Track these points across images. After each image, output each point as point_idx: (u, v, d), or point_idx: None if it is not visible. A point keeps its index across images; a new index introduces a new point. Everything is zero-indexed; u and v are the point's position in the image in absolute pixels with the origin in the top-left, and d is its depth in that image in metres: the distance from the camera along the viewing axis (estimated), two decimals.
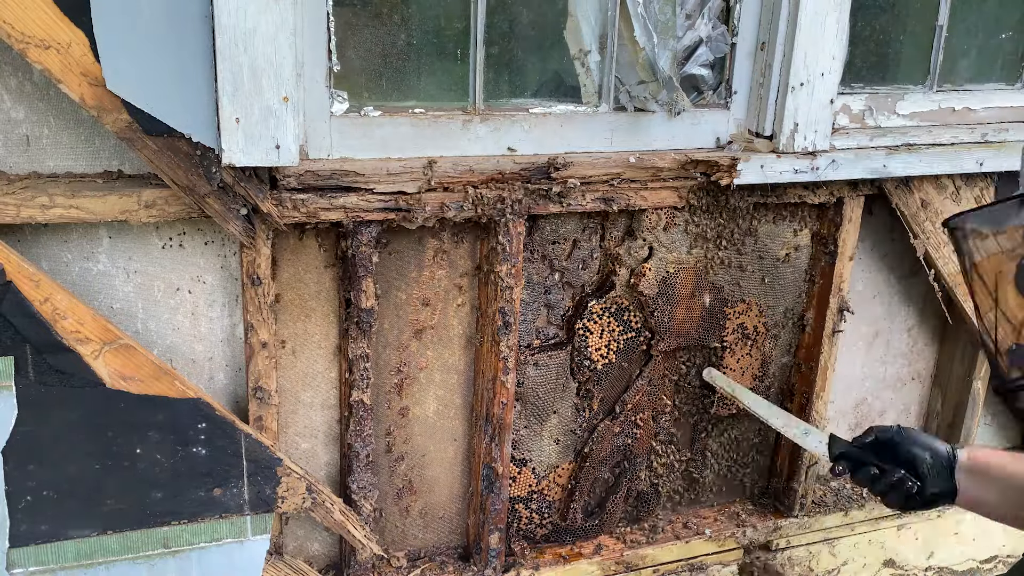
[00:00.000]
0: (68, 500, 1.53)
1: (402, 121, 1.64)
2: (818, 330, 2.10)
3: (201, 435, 1.57)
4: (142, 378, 1.51)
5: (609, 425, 1.99)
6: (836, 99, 1.87)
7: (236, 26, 1.37)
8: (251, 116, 1.42)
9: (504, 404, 1.82)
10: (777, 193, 1.91)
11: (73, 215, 1.42)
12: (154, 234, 1.56)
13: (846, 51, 1.87)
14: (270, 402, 1.65)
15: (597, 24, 1.75)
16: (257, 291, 1.57)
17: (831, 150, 1.89)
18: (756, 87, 1.87)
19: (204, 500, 1.62)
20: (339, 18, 1.56)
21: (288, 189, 1.52)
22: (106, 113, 1.37)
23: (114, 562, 1.59)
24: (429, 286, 1.77)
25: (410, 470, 1.89)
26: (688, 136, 1.86)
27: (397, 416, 1.84)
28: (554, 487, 2.02)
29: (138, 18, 1.35)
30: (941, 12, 2.04)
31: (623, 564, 2.07)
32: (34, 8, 1.29)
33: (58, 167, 1.48)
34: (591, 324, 1.89)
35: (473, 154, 1.69)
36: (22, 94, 1.43)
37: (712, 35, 1.83)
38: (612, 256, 1.88)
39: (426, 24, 1.66)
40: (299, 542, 1.85)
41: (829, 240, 2.03)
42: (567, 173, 1.70)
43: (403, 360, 1.80)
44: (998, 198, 1.65)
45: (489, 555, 1.93)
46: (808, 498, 2.24)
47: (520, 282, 1.76)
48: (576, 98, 1.79)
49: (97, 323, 1.46)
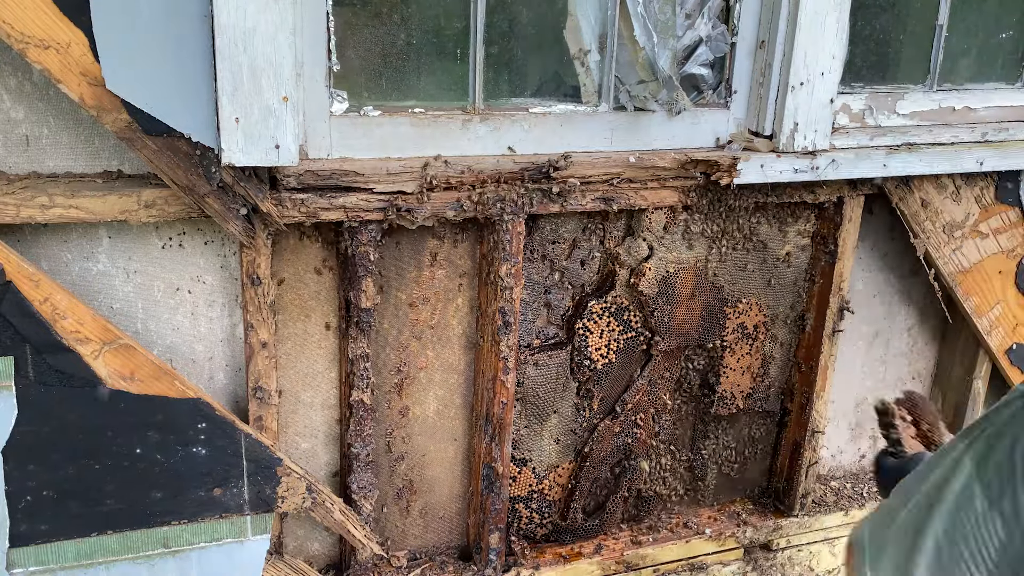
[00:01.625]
0: (68, 500, 1.53)
1: (402, 121, 1.64)
2: (818, 330, 2.09)
3: (201, 435, 1.57)
4: (142, 378, 1.51)
5: (609, 425, 1.99)
6: (836, 98, 1.87)
7: (236, 26, 1.37)
8: (251, 116, 1.42)
9: (504, 404, 1.82)
10: (777, 193, 1.91)
11: (73, 215, 1.42)
12: (154, 234, 1.56)
13: (846, 50, 1.87)
14: (270, 402, 1.65)
15: (597, 24, 1.75)
16: (257, 291, 1.57)
17: (831, 150, 1.89)
18: (756, 86, 1.87)
19: (204, 500, 1.62)
20: (339, 18, 1.55)
21: (288, 189, 1.52)
22: (106, 113, 1.37)
23: (114, 562, 1.59)
24: (429, 286, 1.77)
25: (410, 470, 1.89)
26: (688, 136, 1.86)
27: (397, 416, 1.84)
28: (554, 487, 2.02)
29: (138, 18, 1.35)
30: (941, 12, 2.04)
31: (623, 564, 2.07)
32: (34, 8, 1.29)
33: (58, 167, 1.48)
34: (591, 324, 1.89)
35: (473, 154, 1.68)
36: (22, 94, 1.43)
37: (712, 34, 1.83)
38: (612, 256, 1.87)
39: (426, 24, 1.66)
40: (299, 542, 1.85)
41: (829, 240, 2.03)
42: (567, 173, 1.70)
43: (403, 360, 1.80)
44: None
45: (489, 555, 1.93)
46: (808, 498, 2.24)
47: (520, 282, 1.76)
48: (576, 98, 1.79)
49: (97, 323, 1.46)
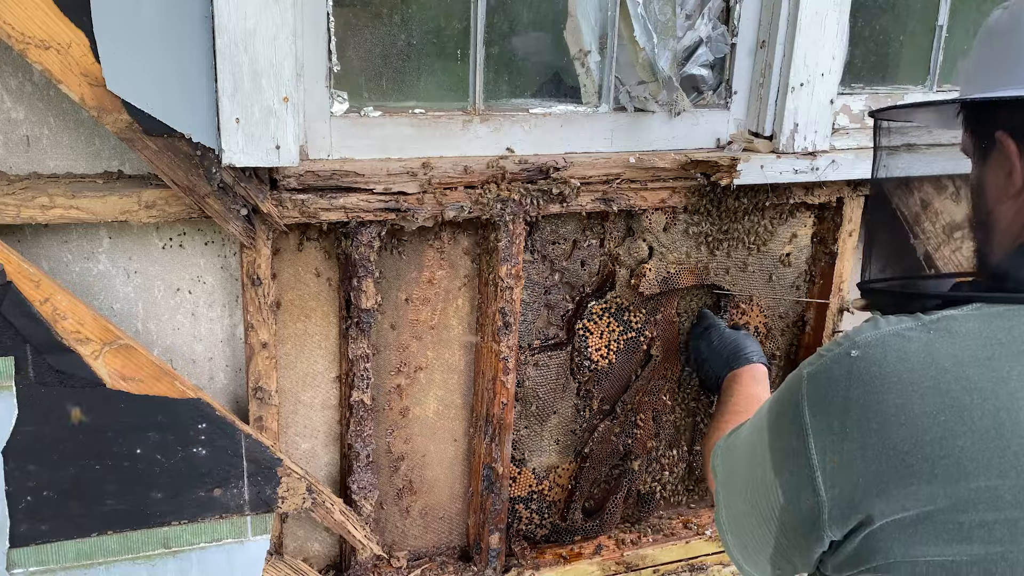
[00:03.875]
0: (68, 500, 1.53)
1: (402, 121, 1.64)
2: (818, 330, 2.09)
3: (201, 435, 1.57)
4: (142, 378, 1.51)
5: (609, 425, 1.99)
6: (836, 99, 1.87)
7: (236, 26, 1.37)
8: (251, 116, 1.42)
9: (504, 404, 1.82)
10: (777, 193, 1.91)
11: (73, 215, 1.42)
12: (154, 234, 1.56)
13: (846, 51, 1.87)
14: (270, 402, 1.65)
15: (597, 24, 1.75)
16: (257, 291, 1.57)
17: (831, 150, 1.89)
18: (756, 87, 1.87)
19: (204, 500, 1.62)
20: (339, 18, 1.56)
21: (288, 189, 1.52)
22: (106, 113, 1.37)
23: (114, 562, 1.59)
24: (429, 286, 1.77)
25: (410, 470, 1.89)
26: (688, 136, 1.86)
27: (397, 416, 1.84)
28: (554, 487, 2.02)
29: (138, 19, 1.35)
30: (941, 12, 2.04)
31: (623, 564, 2.07)
32: (34, 8, 1.29)
33: (58, 167, 1.48)
34: (591, 324, 1.89)
35: (473, 154, 1.69)
36: (22, 94, 1.43)
37: (712, 35, 1.83)
38: (612, 256, 1.88)
39: (426, 24, 1.66)
40: (299, 542, 1.85)
41: (829, 240, 2.03)
42: (567, 173, 1.70)
43: (403, 360, 1.80)
44: None
45: (489, 555, 1.93)
46: None
47: (520, 282, 1.76)
48: (576, 98, 1.79)
49: (97, 323, 1.46)
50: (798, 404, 1.00)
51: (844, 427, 0.95)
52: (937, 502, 0.90)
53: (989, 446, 0.89)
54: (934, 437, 0.90)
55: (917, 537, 0.91)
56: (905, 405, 0.92)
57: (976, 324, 0.95)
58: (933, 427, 0.90)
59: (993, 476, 0.88)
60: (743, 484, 1.12)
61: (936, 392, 0.91)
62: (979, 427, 0.89)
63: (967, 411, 0.90)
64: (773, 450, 1.03)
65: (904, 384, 0.92)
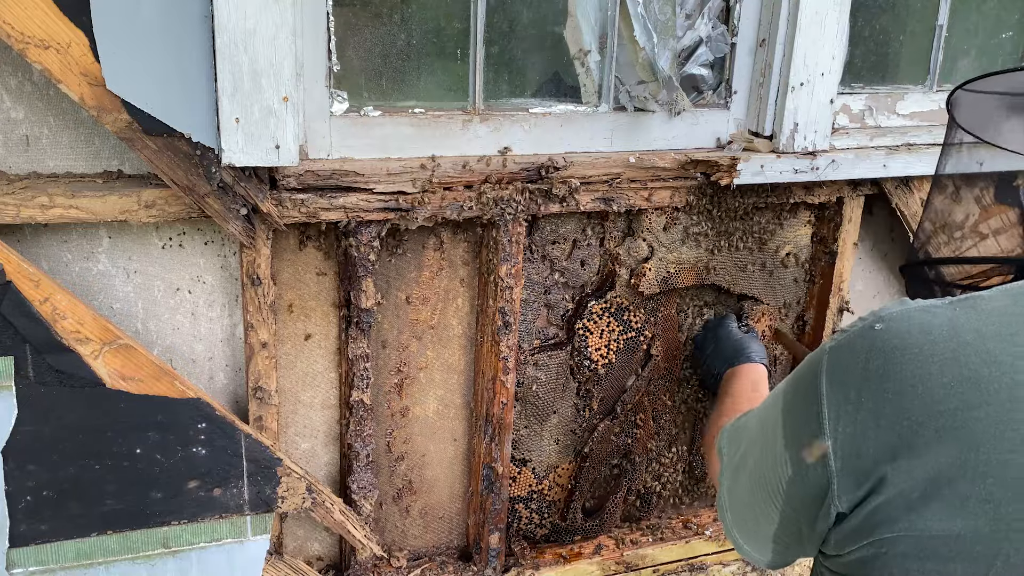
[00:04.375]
0: (68, 500, 1.53)
1: (402, 121, 1.64)
2: (818, 330, 2.09)
3: (201, 435, 1.57)
4: (142, 378, 1.51)
5: (609, 425, 1.99)
6: (836, 99, 1.87)
7: (236, 26, 1.37)
8: (251, 116, 1.42)
9: (504, 404, 1.82)
10: (777, 193, 1.91)
11: (73, 215, 1.42)
12: (154, 234, 1.56)
13: (846, 51, 1.87)
14: (270, 402, 1.65)
15: (597, 24, 1.75)
16: (257, 291, 1.57)
17: (831, 150, 1.89)
18: (756, 87, 1.87)
19: (204, 500, 1.62)
20: (339, 18, 1.56)
21: (288, 189, 1.52)
22: (106, 113, 1.37)
23: (114, 562, 1.59)
24: (429, 286, 1.77)
25: (410, 470, 1.89)
26: (688, 136, 1.86)
27: (397, 416, 1.84)
28: (554, 487, 2.02)
29: (138, 18, 1.35)
30: (941, 12, 2.04)
31: (623, 564, 2.06)
32: (34, 8, 1.29)
33: (58, 167, 1.48)
34: (591, 324, 1.89)
35: (473, 154, 1.68)
36: (22, 94, 1.43)
37: (712, 35, 1.83)
38: (612, 256, 1.87)
39: (426, 24, 1.66)
40: (299, 542, 1.85)
41: (829, 240, 2.03)
42: (567, 173, 1.70)
43: (403, 360, 1.80)
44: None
45: (489, 555, 1.93)
46: None
47: (520, 282, 1.76)
48: (576, 98, 1.79)
49: (97, 323, 1.46)
50: (817, 375, 0.98)
51: (860, 397, 0.93)
52: (947, 473, 0.88)
53: (1004, 419, 0.87)
54: (949, 408, 0.89)
55: (924, 510, 0.90)
56: (923, 375, 0.90)
57: (1003, 301, 0.93)
58: (949, 397, 0.89)
59: (1004, 451, 0.87)
60: (751, 460, 1.11)
61: (955, 363, 0.90)
62: (995, 400, 0.88)
63: (984, 383, 0.88)
64: (786, 422, 1.02)
65: (924, 355, 0.91)
